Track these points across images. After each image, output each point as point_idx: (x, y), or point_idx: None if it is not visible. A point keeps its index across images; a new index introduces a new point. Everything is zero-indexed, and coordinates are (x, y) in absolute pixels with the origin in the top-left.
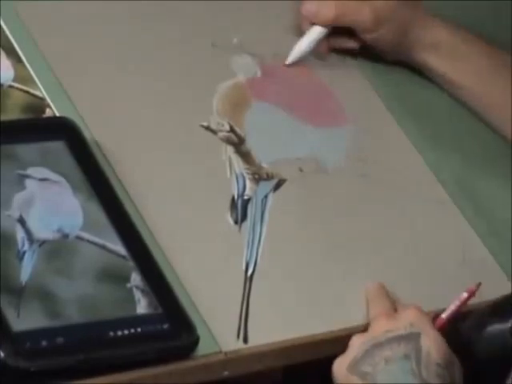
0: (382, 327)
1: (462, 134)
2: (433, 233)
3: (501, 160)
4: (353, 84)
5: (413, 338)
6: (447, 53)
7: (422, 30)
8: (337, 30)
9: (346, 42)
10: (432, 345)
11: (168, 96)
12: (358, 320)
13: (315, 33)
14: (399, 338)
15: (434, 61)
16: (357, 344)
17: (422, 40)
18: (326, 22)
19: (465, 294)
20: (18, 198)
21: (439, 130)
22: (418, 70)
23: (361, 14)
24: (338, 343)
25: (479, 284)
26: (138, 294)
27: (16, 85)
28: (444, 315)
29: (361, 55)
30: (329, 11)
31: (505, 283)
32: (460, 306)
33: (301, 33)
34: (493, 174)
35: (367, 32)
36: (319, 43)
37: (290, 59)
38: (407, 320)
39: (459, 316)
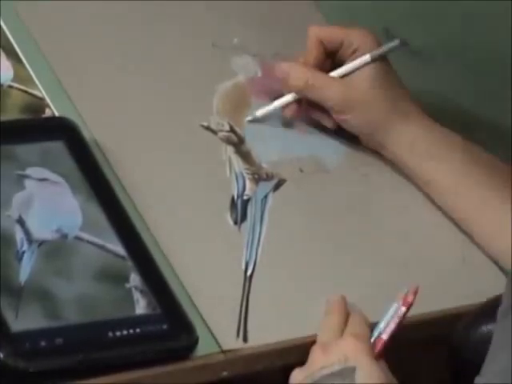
0: (317, 361)
1: (463, 133)
2: (432, 233)
3: (501, 159)
4: None
5: (347, 374)
6: (421, 152)
7: (398, 126)
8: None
9: (324, 118)
10: (368, 380)
11: (168, 96)
12: None
13: (286, 97)
14: (333, 376)
15: (406, 157)
16: (296, 381)
17: (397, 137)
18: (294, 89)
19: (403, 309)
20: (17, 198)
21: None
22: (421, 77)
23: (329, 91)
24: None
25: (416, 291)
26: (136, 295)
27: (15, 85)
28: (384, 336)
29: None
30: (298, 79)
31: (504, 284)
32: (400, 322)
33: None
34: None
35: (334, 112)
36: (288, 106)
37: (250, 117)
38: (342, 352)
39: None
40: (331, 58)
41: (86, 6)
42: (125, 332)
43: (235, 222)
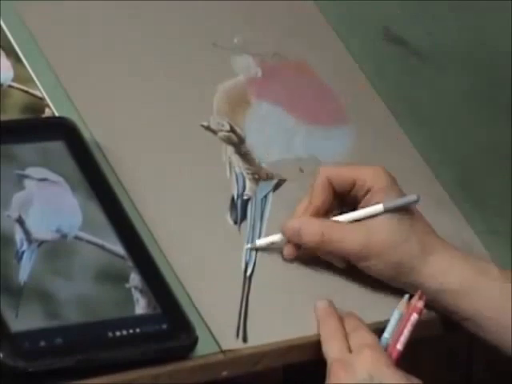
0: (341, 381)
1: (462, 133)
2: None
3: (500, 159)
4: (353, 84)
5: None
6: (456, 289)
7: (428, 261)
8: None
9: (333, 259)
10: None
11: (168, 96)
12: None
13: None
14: None
15: (439, 293)
16: None
17: (427, 272)
18: (309, 245)
19: (415, 316)
20: (17, 198)
21: (439, 129)
22: (419, 71)
23: (349, 242)
24: None
25: (423, 296)
26: (136, 294)
27: (15, 85)
28: (399, 346)
29: (361, 53)
30: (312, 235)
31: None
32: (413, 331)
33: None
34: (492, 174)
35: (356, 260)
36: (289, 245)
37: (250, 245)
38: (365, 369)
39: None
40: (340, 199)
41: (86, 6)
42: (125, 332)
43: (235, 222)
